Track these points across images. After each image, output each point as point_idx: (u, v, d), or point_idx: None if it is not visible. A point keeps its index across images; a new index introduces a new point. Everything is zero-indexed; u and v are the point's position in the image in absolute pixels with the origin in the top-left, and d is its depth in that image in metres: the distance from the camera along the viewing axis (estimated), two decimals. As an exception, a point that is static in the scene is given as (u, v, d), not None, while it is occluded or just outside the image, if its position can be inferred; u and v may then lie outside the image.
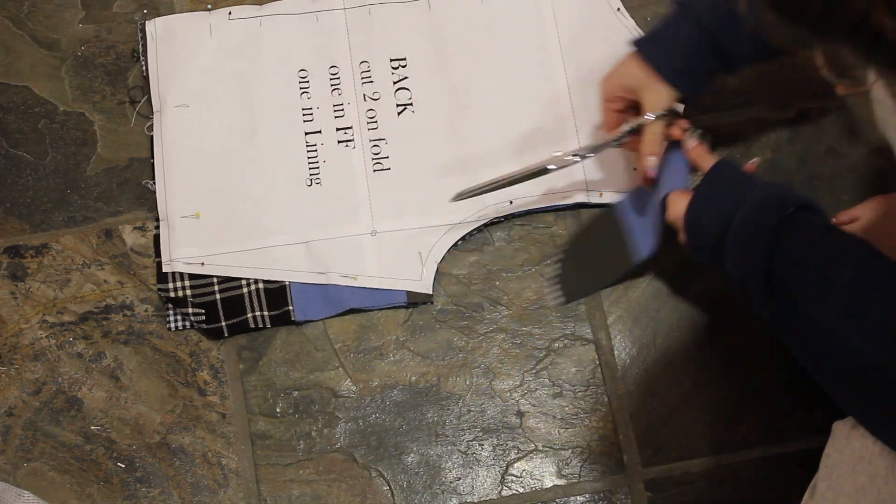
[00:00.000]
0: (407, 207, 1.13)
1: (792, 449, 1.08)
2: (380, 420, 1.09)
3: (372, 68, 1.18)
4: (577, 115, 1.16)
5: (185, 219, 1.12)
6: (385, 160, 1.14)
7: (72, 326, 1.11)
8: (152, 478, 1.07)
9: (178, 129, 1.15)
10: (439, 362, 1.11)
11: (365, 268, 1.10)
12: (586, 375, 1.11)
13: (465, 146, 1.15)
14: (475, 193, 1.08)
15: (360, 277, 1.10)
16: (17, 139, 1.18)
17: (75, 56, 1.21)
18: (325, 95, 1.16)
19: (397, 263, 1.10)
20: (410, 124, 1.16)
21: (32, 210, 1.15)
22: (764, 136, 1.19)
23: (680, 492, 1.07)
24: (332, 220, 1.12)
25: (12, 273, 1.13)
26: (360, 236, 1.12)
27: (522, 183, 1.08)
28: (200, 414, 1.09)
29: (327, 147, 1.15)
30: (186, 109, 1.15)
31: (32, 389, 1.09)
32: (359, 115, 1.16)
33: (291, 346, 1.11)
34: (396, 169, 1.14)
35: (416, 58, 1.18)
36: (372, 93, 1.17)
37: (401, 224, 1.13)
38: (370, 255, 1.10)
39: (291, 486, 1.07)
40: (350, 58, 1.18)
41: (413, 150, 1.15)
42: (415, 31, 1.19)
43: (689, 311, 1.12)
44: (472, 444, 1.08)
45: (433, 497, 1.07)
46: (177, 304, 1.10)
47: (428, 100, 1.17)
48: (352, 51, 1.18)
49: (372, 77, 1.17)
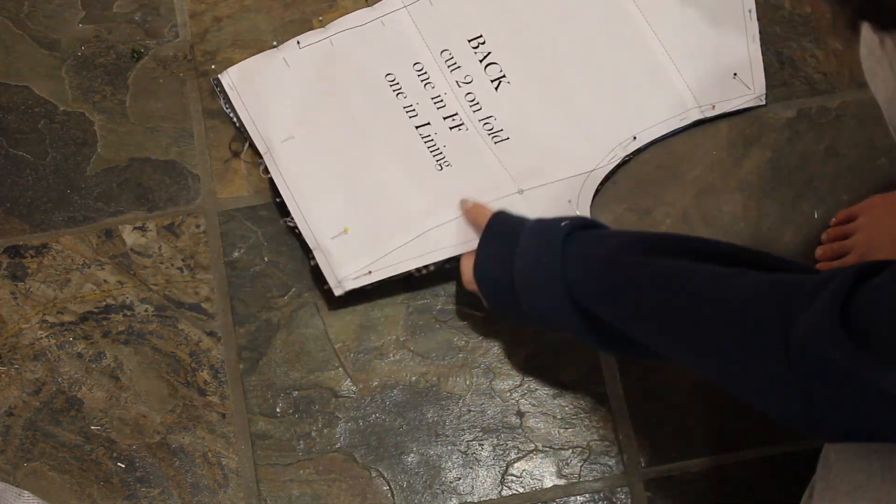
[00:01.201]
0: (542, 164, 1.15)
1: (792, 449, 1.08)
2: (380, 420, 1.09)
3: (454, 54, 1.19)
4: (667, 47, 1.20)
5: (335, 238, 1.12)
6: (500, 132, 1.16)
7: (72, 326, 1.11)
8: (152, 478, 1.07)
9: (294, 162, 1.15)
10: (439, 362, 1.11)
11: None
12: (586, 375, 1.11)
13: (567, 101, 1.18)
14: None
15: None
16: (17, 139, 1.18)
17: (75, 56, 1.21)
18: (420, 91, 1.18)
19: (552, 213, 1.10)
20: (510, 95, 1.18)
21: (32, 210, 1.15)
22: (764, 136, 1.19)
23: (680, 492, 1.07)
24: (476, 191, 1.13)
25: (12, 273, 1.13)
26: (509, 196, 1.13)
27: (641, 117, 1.16)
28: (200, 414, 1.09)
29: (442, 135, 1.16)
30: (294, 141, 1.15)
31: (32, 389, 1.09)
32: (459, 102, 1.18)
33: (291, 346, 1.11)
34: (515, 137, 1.17)
35: (492, 32, 1.20)
36: (464, 77, 1.18)
37: (543, 179, 1.14)
38: (524, 212, 1.09)
39: (291, 486, 1.07)
40: (429, 51, 1.19)
41: (523, 116, 1.17)
42: (480, 7, 1.21)
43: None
44: (472, 444, 1.08)
45: (433, 497, 1.07)
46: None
47: (518, 67, 1.19)
48: (428, 44, 1.19)
49: (457, 62, 1.19)
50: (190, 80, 1.21)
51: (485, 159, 1.15)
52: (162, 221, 1.16)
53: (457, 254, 1.11)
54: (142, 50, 1.22)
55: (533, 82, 1.19)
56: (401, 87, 1.18)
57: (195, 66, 1.21)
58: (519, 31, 1.21)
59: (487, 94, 1.18)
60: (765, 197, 1.17)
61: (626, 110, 1.17)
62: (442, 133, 1.16)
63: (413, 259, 1.11)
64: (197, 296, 1.13)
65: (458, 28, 1.20)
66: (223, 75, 1.19)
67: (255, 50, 1.21)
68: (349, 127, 1.16)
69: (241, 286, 1.13)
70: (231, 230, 1.15)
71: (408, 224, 1.12)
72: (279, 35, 1.22)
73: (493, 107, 1.18)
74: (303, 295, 1.13)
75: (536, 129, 1.17)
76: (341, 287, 1.10)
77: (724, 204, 1.16)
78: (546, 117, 1.18)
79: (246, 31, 1.23)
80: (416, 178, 1.15)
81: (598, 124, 1.16)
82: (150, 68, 1.21)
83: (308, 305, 1.13)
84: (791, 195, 1.17)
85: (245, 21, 1.23)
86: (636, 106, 1.18)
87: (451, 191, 1.13)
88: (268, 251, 1.15)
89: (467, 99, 1.18)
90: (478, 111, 1.17)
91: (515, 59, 1.20)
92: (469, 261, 1.05)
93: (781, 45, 1.22)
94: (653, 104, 1.18)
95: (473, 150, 1.16)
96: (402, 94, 1.18)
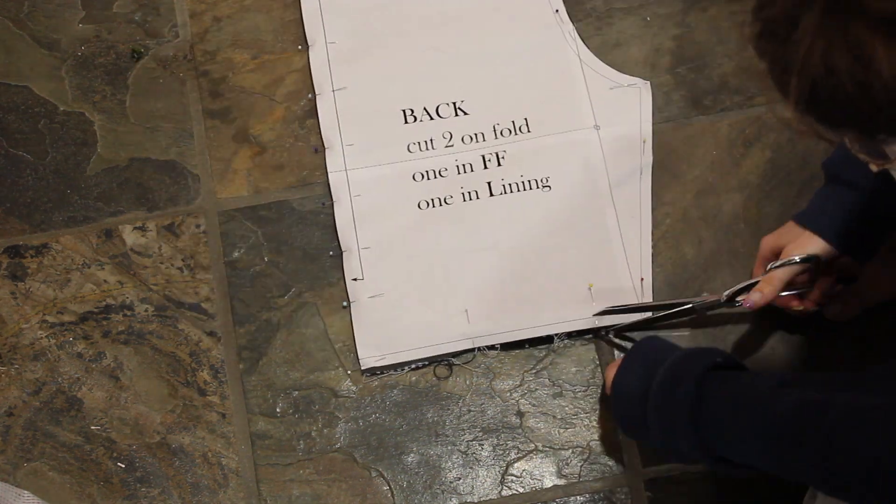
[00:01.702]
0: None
1: (792, 449, 1.08)
2: (380, 420, 1.09)
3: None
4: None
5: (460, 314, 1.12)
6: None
7: (72, 326, 1.11)
8: (152, 478, 1.07)
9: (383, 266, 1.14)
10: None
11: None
12: (586, 375, 1.11)
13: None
14: (618, 311, 1.10)
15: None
16: (17, 139, 1.18)
17: (75, 56, 1.21)
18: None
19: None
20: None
21: (32, 210, 1.16)
22: (764, 136, 1.19)
23: (680, 492, 1.07)
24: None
25: (12, 273, 1.13)
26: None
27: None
28: (200, 414, 1.09)
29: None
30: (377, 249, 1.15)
31: (32, 389, 1.09)
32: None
33: (291, 346, 1.11)
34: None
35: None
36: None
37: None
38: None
39: (291, 486, 1.07)
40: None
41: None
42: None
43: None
44: (472, 444, 1.08)
45: (433, 497, 1.07)
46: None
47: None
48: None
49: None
50: (190, 80, 1.21)
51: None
52: (162, 221, 1.16)
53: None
54: (142, 50, 1.22)
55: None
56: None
57: (195, 66, 1.21)
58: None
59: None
60: (765, 197, 1.17)
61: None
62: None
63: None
64: (197, 296, 1.13)
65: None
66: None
67: (255, 50, 1.21)
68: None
69: (241, 286, 1.13)
70: (231, 230, 1.15)
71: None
72: (279, 35, 1.22)
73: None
74: (303, 295, 1.13)
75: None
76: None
77: (724, 204, 1.16)
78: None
79: (246, 31, 1.23)
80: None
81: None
82: (150, 68, 1.21)
83: (308, 305, 1.13)
84: (791, 195, 1.17)
85: (245, 21, 1.23)
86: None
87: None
88: (268, 251, 1.15)
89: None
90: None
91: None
92: (611, 369, 1.04)
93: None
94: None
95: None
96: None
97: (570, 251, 1.14)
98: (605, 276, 1.13)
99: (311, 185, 1.17)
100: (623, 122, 1.19)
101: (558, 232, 1.15)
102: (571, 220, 1.15)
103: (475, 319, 1.11)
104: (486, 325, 1.11)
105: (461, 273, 1.13)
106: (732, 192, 1.17)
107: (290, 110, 1.20)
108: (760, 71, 0.70)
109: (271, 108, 1.20)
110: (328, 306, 1.13)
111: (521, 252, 1.14)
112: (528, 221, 1.15)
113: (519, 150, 1.18)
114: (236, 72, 1.22)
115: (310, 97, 1.20)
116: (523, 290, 1.13)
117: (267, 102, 1.21)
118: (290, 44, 1.23)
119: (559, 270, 1.13)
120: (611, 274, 1.13)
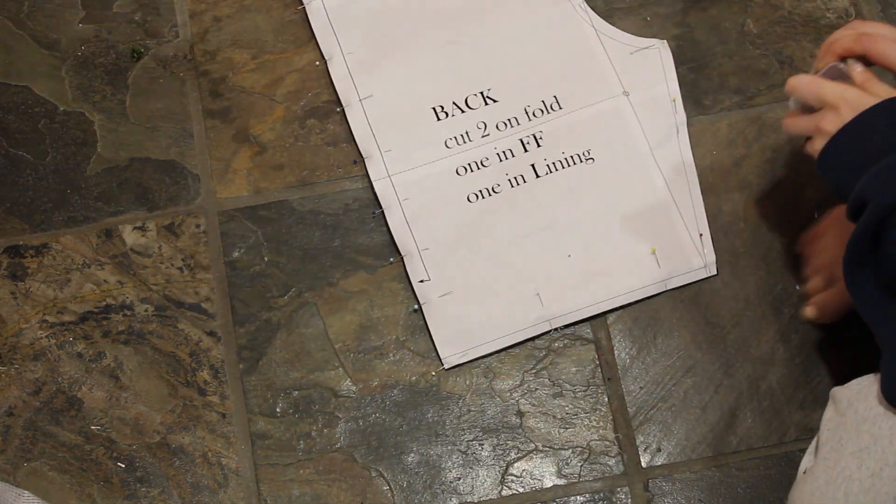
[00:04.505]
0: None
1: (792, 449, 1.08)
2: (380, 420, 1.09)
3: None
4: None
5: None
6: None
7: (72, 326, 1.11)
8: (152, 478, 1.07)
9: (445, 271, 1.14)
10: (439, 362, 1.11)
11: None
12: (586, 375, 1.11)
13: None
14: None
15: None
16: (17, 139, 1.18)
17: (75, 56, 1.21)
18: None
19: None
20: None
21: (32, 210, 1.16)
22: (764, 136, 1.19)
23: (680, 492, 1.07)
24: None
25: (12, 273, 1.13)
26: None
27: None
28: (200, 414, 1.09)
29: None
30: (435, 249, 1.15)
31: (32, 389, 1.09)
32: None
33: (291, 346, 1.11)
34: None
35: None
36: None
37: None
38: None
39: (291, 486, 1.07)
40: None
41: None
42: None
43: (689, 311, 1.12)
44: (472, 444, 1.08)
45: (433, 497, 1.07)
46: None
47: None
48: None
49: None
50: (190, 80, 1.21)
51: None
52: (162, 221, 1.16)
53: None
54: (142, 50, 1.22)
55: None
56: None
57: (195, 66, 1.21)
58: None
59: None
60: (765, 197, 1.17)
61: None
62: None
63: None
64: (197, 296, 1.13)
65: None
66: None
67: (255, 50, 1.21)
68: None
69: (241, 286, 1.13)
70: (231, 230, 1.15)
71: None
72: (279, 35, 1.22)
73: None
74: (303, 295, 1.13)
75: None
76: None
77: (724, 204, 1.16)
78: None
79: (246, 31, 1.23)
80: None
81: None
82: (150, 68, 1.21)
83: (308, 305, 1.13)
84: (791, 195, 1.17)
85: (245, 21, 1.23)
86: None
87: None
88: (268, 251, 1.15)
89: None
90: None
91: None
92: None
93: (781, 44, 1.23)
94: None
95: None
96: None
97: (625, 219, 1.15)
98: (665, 237, 1.14)
99: (312, 184, 1.17)
100: (650, 85, 1.20)
101: (610, 202, 1.16)
102: (621, 187, 1.16)
103: (548, 302, 1.12)
104: (560, 305, 1.12)
105: (524, 258, 1.14)
106: (732, 192, 1.17)
107: (290, 110, 1.20)
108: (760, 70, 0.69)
109: (271, 108, 1.21)
110: (328, 306, 1.13)
111: (579, 228, 1.15)
112: (578, 196, 1.16)
113: (555, 129, 1.18)
114: (236, 72, 1.22)
115: (338, 110, 1.20)
116: (588, 265, 1.13)
117: (267, 102, 1.21)
118: (290, 44, 1.23)
119: (619, 239, 1.14)
120: (671, 235, 1.14)
